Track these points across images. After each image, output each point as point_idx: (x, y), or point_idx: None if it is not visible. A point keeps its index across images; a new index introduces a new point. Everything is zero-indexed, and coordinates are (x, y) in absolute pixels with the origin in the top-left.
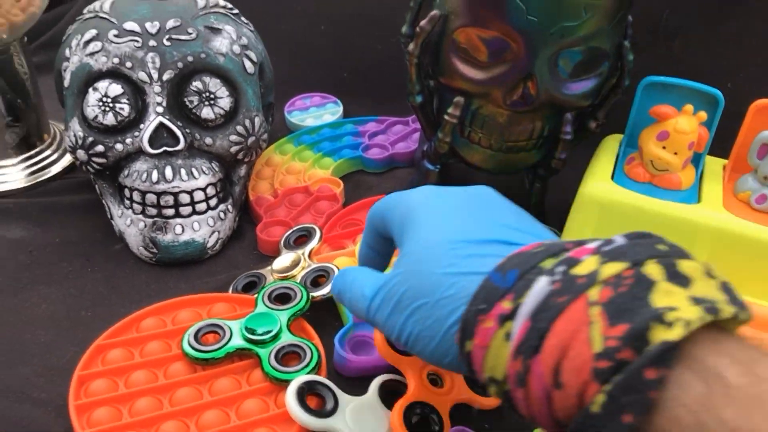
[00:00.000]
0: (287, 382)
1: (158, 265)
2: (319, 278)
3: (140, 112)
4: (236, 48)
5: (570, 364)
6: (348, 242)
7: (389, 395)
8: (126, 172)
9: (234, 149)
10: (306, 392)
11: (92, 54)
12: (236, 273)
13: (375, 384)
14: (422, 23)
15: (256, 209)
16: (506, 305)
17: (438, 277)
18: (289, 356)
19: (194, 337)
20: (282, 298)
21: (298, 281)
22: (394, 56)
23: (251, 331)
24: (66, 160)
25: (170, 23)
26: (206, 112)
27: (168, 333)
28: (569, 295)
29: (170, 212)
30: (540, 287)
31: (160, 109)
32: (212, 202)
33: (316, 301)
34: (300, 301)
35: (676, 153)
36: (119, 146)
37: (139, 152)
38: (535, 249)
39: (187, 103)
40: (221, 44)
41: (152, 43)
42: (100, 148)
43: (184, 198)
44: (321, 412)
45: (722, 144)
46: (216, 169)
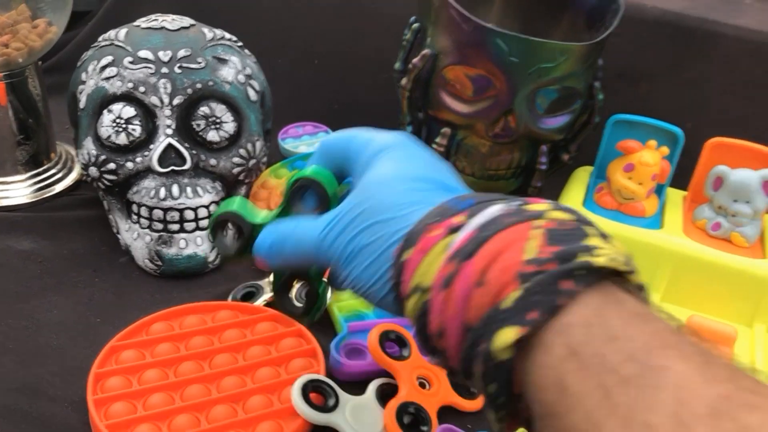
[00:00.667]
0: None
1: (162, 277)
2: None
3: (151, 134)
4: (241, 77)
5: (499, 266)
6: None
7: (384, 397)
8: (135, 189)
9: (236, 170)
10: (309, 389)
11: (108, 78)
12: (234, 285)
13: (372, 386)
14: (415, 60)
15: None
16: (457, 219)
17: (392, 202)
18: None
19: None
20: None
21: (294, 295)
22: (382, 90)
23: None
24: (70, 179)
25: (181, 53)
26: (212, 135)
27: (176, 336)
28: (517, 218)
29: (175, 227)
30: (492, 210)
31: (170, 131)
32: None
33: None
34: None
35: (641, 183)
36: (130, 164)
37: (148, 170)
38: (493, 195)
39: (195, 126)
40: (227, 73)
41: (164, 71)
42: (112, 166)
43: (189, 214)
44: (323, 408)
45: (682, 177)
46: (219, 189)
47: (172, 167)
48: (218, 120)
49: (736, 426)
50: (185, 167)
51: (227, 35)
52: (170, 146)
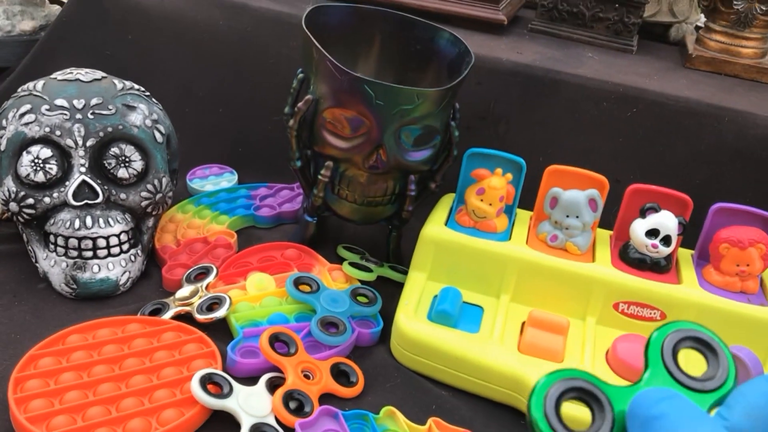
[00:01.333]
0: None
1: (77, 300)
2: (213, 304)
3: (66, 172)
4: (148, 122)
5: None
6: (239, 279)
7: (274, 387)
8: (52, 221)
9: (144, 203)
10: (207, 381)
11: (27, 124)
12: (144, 304)
13: (263, 378)
14: (299, 104)
15: (161, 255)
16: None
17: None
18: None
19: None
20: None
21: (195, 308)
22: (281, 134)
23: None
24: None
25: (94, 101)
26: (122, 173)
27: (90, 345)
28: None
29: (89, 254)
30: None
31: (83, 169)
32: (124, 247)
33: (211, 322)
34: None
35: (491, 204)
36: (47, 199)
37: (64, 204)
38: None
39: (106, 165)
40: (136, 118)
41: (78, 116)
42: (31, 201)
43: (101, 242)
44: (219, 395)
45: (532, 200)
46: (128, 220)
47: (86, 201)
48: (127, 159)
49: None
50: (97, 201)
51: (135, 86)
52: (84, 182)
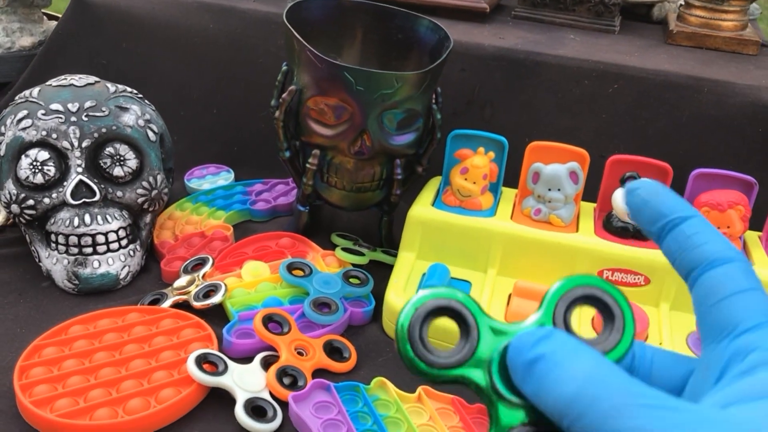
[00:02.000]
0: None
1: (80, 295)
2: (210, 292)
3: (64, 173)
4: (141, 122)
5: None
6: (235, 268)
7: (268, 365)
8: (52, 221)
9: (140, 200)
10: (203, 361)
11: (24, 129)
12: (143, 296)
13: (258, 356)
14: (284, 95)
15: (160, 250)
16: None
17: None
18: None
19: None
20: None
21: (192, 296)
22: (275, 131)
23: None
24: None
25: (87, 104)
26: (117, 171)
27: (91, 334)
28: None
29: (89, 250)
30: None
31: (80, 170)
32: (123, 243)
33: (208, 308)
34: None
35: (475, 182)
36: (46, 200)
37: (63, 204)
38: None
39: (102, 164)
40: (129, 119)
41: (73, 119)
42: (31, 202)
43: (100, 239)
44: (214, 373)
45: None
46: (126, 216)
47: (84, 200)
48: (122, 158)
49: None
50: (95, 199)
51: (128, 89)
52: (81, 182)
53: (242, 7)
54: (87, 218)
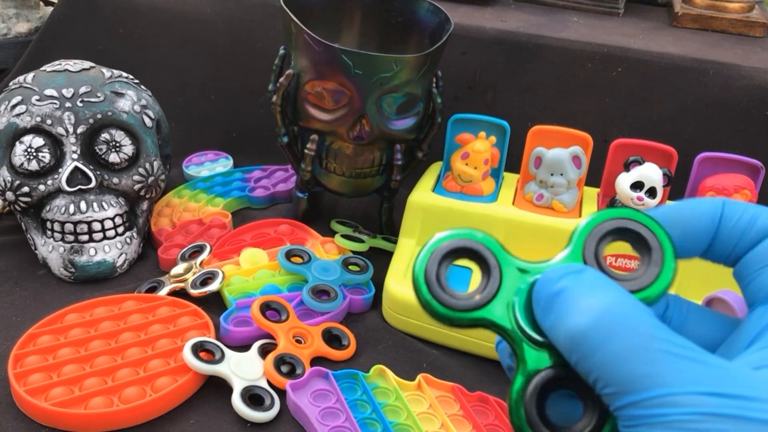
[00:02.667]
0: None
1: (76, 283)
2: (207, 279)
3: (59, 159)
4: (137, 107)
5: None
6: (233, 255)
7: (266, 353)
8: (48, 208)
9: (137, 187)
10: (199, 349)
11: (18, 115)
12: (140, 284)
13: (255, 344)
14: (281, 80)
15: (157, 237)
16: None
17: None
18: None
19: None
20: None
21: (189, 284)
22: (273, 117)
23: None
24: None
25: (82, 89)
26: (113, 158)
27: (87, 322)
28: None
29: (85, 238)
30: None
31: (75, 156)
32: (120, 230)
33: (205, 296)
34: None
35: (476, 168)
36: (42, 187)
37: (58, 191)
38: None
39: (98, 151)
40: (124, 104)
41: (68, 105)
42: (26, 189)
43: (96, 226)
44: (210, 361)
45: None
46: (122, 203)
47: (79, 186)
48: (118, 144)
49: None
50: (90, 186)
51: (124, 74)
52: (76, 169)
53: None
54: (83, 205)
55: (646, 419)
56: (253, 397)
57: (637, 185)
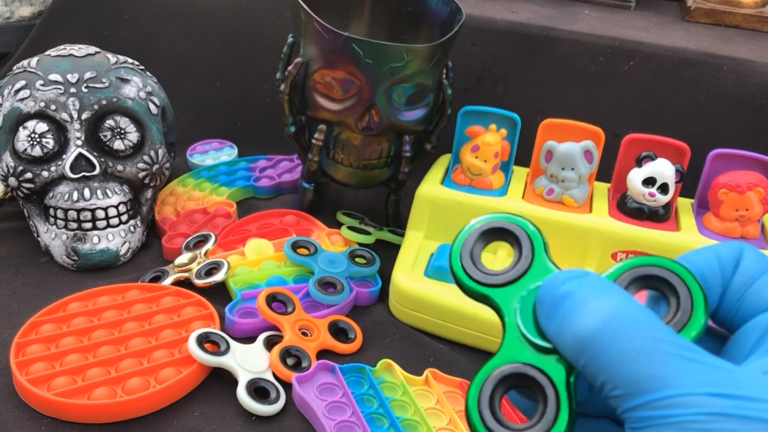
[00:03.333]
0: None
1: (79, 271)
2: (212, 269)
3: (63, 145)
4: (142, 94)
5: None
6: (238, 245)
7: (271, 345)
8: (51, 194)
9: (141, 174)
10: (204, 340)
11: (22, 99)
12: (144, 273)
13: (261, 336)
14: (289, 68)
15: (161, 226)
16: None
17: None
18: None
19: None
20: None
21: (194, 274)
22: (279, 106)
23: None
24: None
25: (87, 75)
26: (117, 145)
27: (90, 311)
28: None
29: (88, 225)
30: None
31: (79, 143)
32: (123, 218)
33: (210, 286)
34: None
35: (486, 161)
36: (45, 173)
37: (62, 178)
38: None
39: (102, 137)
40: (130, 91)
41: (72, 90)
42: (29, 175)
43: (100, 213)
44: (216, 353)
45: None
46: (126, 191)
47: (83, 173)
48: (123, 131)
49: None
50: (95, 173)
51: (129, 60)
52: (80, 155)
53: None
54: (86, 192)
55: (655, 420)
56: (259, 390)
57: (649, 181)
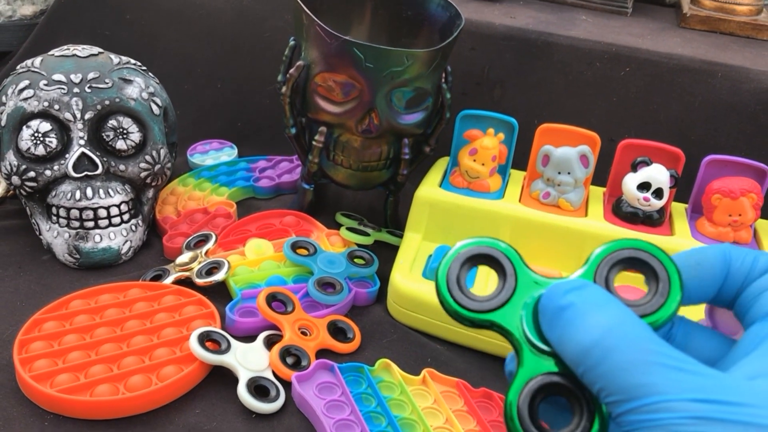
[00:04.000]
0: None
1: (80, 269)
2: (213, 269)
3: (66, 145)
4: (144, 95)
5: None
6: (239, 245)
7: (271, 344)
8: (53, 193)
9: (143, 174)
10: (205, 338)
11: (26, 99)
12: (145, 272)
13: (261, 335)
14: (291, 71)
15: (162, 225)
16: None
17: None
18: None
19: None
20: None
21: (195, 273)
22: (279, 107)
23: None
24: None
25: (91, 75)
26: (120, 144)
27: (93, 309)
28: None
29: (90, 224)
30: None
31: (82, 142)
32: (125, 217)
33: (210, 286)
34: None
35: (484, 164)
36: (48, 172)
37: (65, 177)
38: None
39: (105, 137)
40: (132, 91)
41: (76, 90)
42: (32, 174)
43: (102, 212)
44: (217, 351)
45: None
46: (128, 191)
47: (86, 173)
48: (125, 131)
49: None
50: (97, 172)
51: (132, 60)
52: (83, 155)
53: None
54: (89, 191)
55: (644, 423)
56: (259, 388)
57: (644, 186)
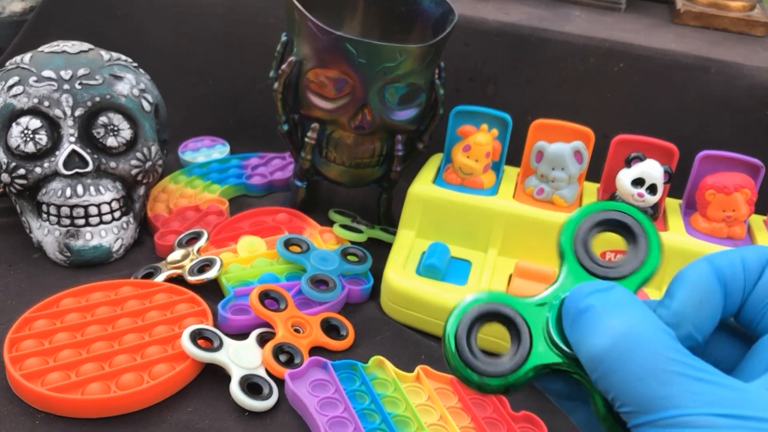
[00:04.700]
0: None
1: (71, 267)
2: (205, 266)
3: (56, 142)
4: (135, 91)
5: None
6: (231, 243)
7: (264, 342)
8: (44, 191)
9: (134, 171)
10: (197, 336)
11: (15, 96)
12: (137, 270)
13: (254, 333)
14: (283, 67)
15: (154, 223)
16: None
17: None
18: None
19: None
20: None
21: (187, 270)
22: (272, 104)
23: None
24: None
25: (81, 71)
26: (111, 141)
27: (84, 307)
28: None
29: (81, 222)
30: None
31: (73, 139)
32: (116, 215)
33: (202, 283)
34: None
35: (477, 160)
36: (38, 170)
37: (55, 174)
38: None
39: (95, 134)
40: (123, 88)
41: (66, 87)
42: (22, 172)
43: (93, 210)
44: (209, 349)
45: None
46: (119, 188)
47: (76, 170)
48: (116, 128)
49: None
50: (88, 169)
51: (123, 57)
52: (74, 152)
53: None
54: (79, 189)
55: None
56: (252, 386)
57: (638, 182)
